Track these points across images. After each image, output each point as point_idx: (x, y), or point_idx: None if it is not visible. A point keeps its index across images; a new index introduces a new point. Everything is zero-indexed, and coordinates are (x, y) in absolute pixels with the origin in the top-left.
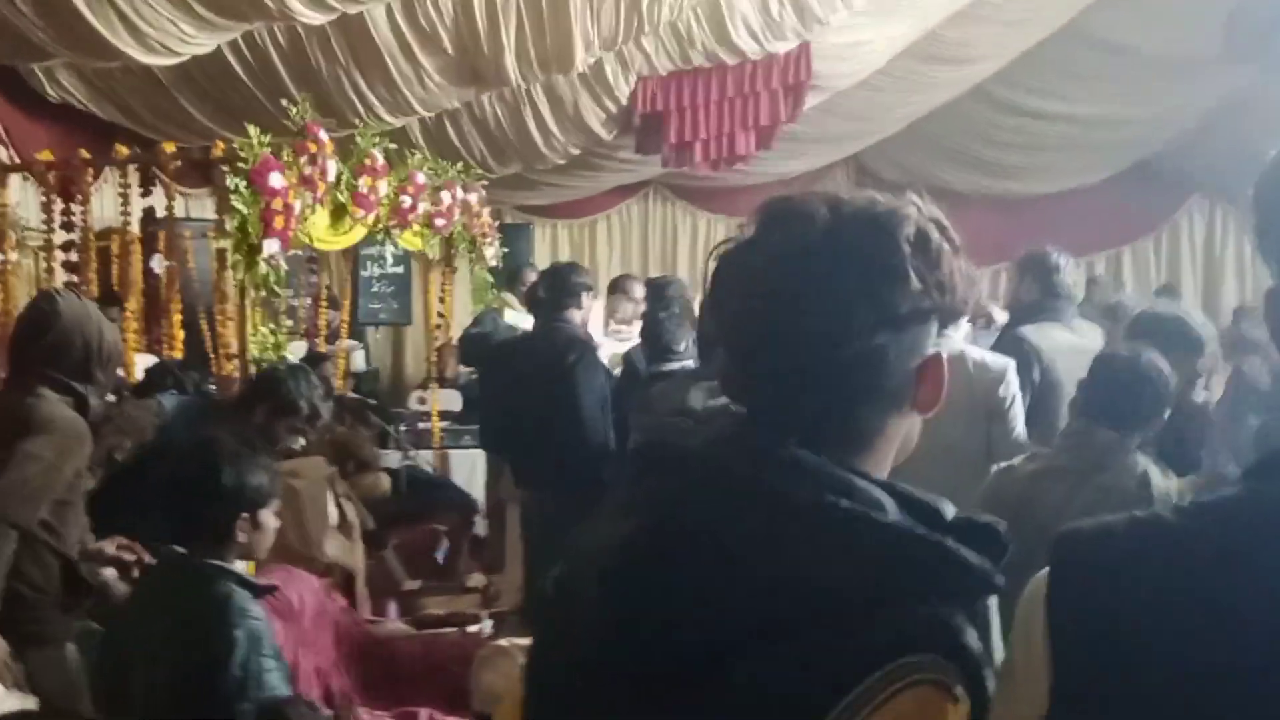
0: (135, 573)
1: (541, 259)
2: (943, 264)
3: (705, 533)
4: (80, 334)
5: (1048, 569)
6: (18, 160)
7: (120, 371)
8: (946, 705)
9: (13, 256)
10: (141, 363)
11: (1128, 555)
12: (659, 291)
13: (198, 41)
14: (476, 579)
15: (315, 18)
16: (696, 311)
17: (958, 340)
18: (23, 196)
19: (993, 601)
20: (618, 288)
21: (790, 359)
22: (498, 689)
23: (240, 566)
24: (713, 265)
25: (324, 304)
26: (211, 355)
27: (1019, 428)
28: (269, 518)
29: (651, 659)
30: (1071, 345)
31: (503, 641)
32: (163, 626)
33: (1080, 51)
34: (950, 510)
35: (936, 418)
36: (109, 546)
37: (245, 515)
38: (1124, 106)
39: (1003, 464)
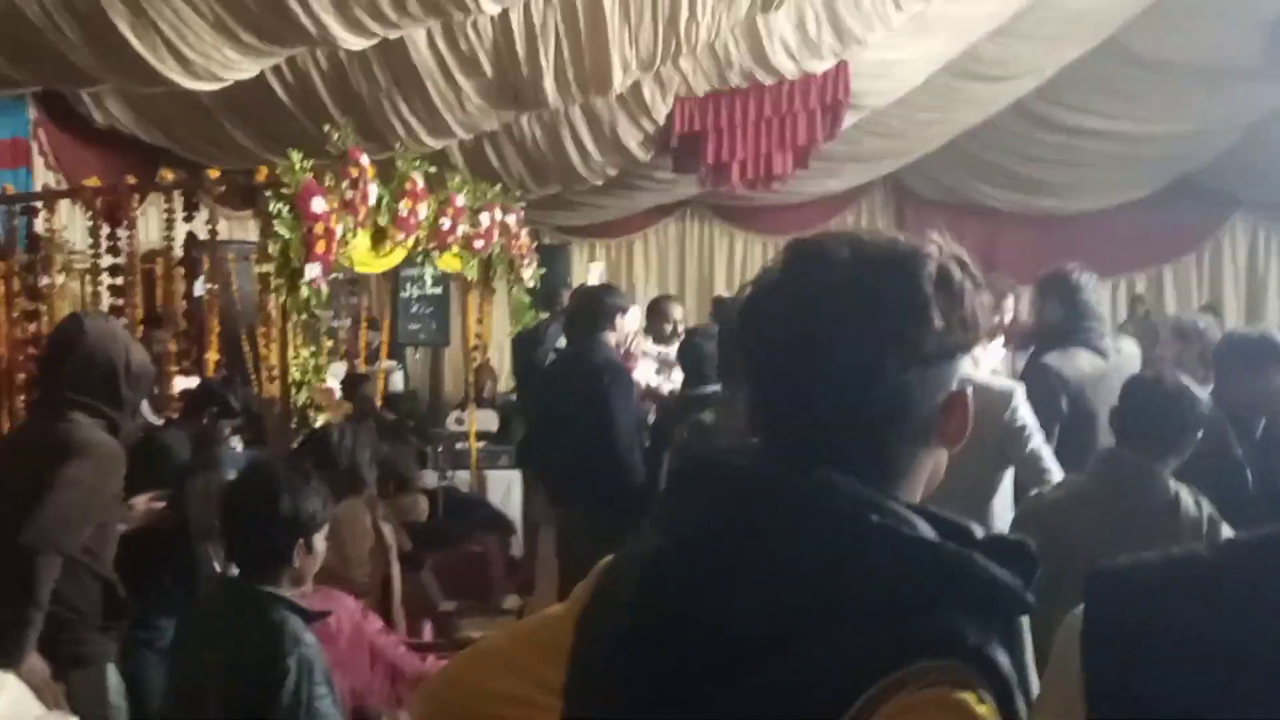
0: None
1: (580, 279)
2: (965, 302)
3: (737, 544)
4: (106, 356)
5: (1083, 607)
6: (65, 185)
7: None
8: (968, 703)
9: (59, 279)
10: (184, 384)
11: (1163, 594)
12: (723, 313)
13: (241, 67)
14: (512, 600)
15: (356, 42)
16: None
17: (968, 366)
18: (70, 220)
19: (1025, 622)
20: (656, 309)
21: (818, 399)
22: None
23: (294, 592)
24: (740, 309)
25: (364, 325)
26: (254, 376)
27: (1038, 449)
28: (320, 543)
29: (682, 667)
30: (1100, 371)
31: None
32: (220, 653)
33: (1120, 67)
34: (980, 531)
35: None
36: (140, 502)
37: (301, 541)
38: (1164, 122)
39: (1033, 490)
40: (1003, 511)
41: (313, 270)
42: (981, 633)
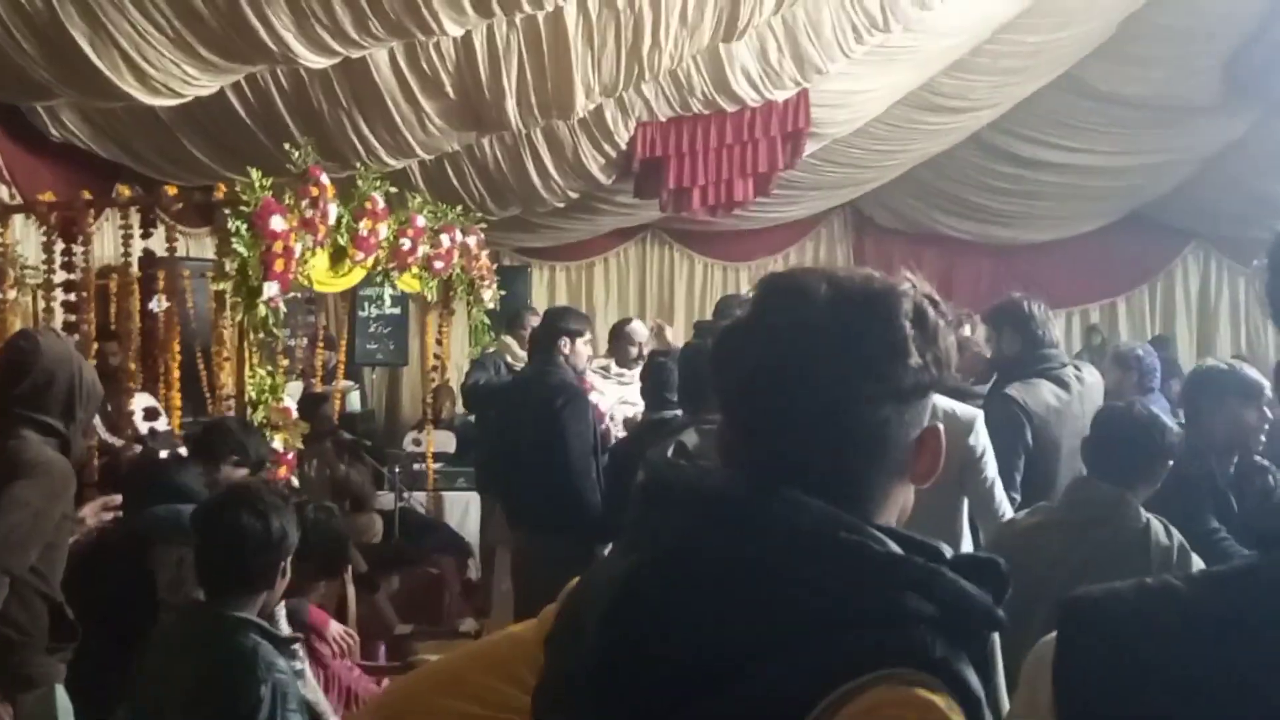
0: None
1: (539, 301)
2: (939, 339)
3: (708, 563)
4: (62, 373)
5: (1055, 635)
6: (20, 199)
7: (165, 426)
8: (935, 704)
9: (11, 294)
10: (139, 403)
11: (1137, 624)
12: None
13: (201, 83)
14: (469, 623)
15: (318, 61)
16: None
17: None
18: (24, 235)
19: (996, 640)
20: (619, 332)
21: (795, 432)
22: None
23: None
24: (717, 341)
25: (321, 345)
26: (208, 396)
27: (992, 480)
28: (289, 565)
29: (655, 687)
30: (1063, 401)
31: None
32: (188, 680)
33: (1076, 101)
34: (949, 551)
35: None
36: (90, 513)
37: (281, 564)
38: (1119, 156)
39: (998, 517)
40: (964, 538)
41: (270, 289)
42: (950, 648)
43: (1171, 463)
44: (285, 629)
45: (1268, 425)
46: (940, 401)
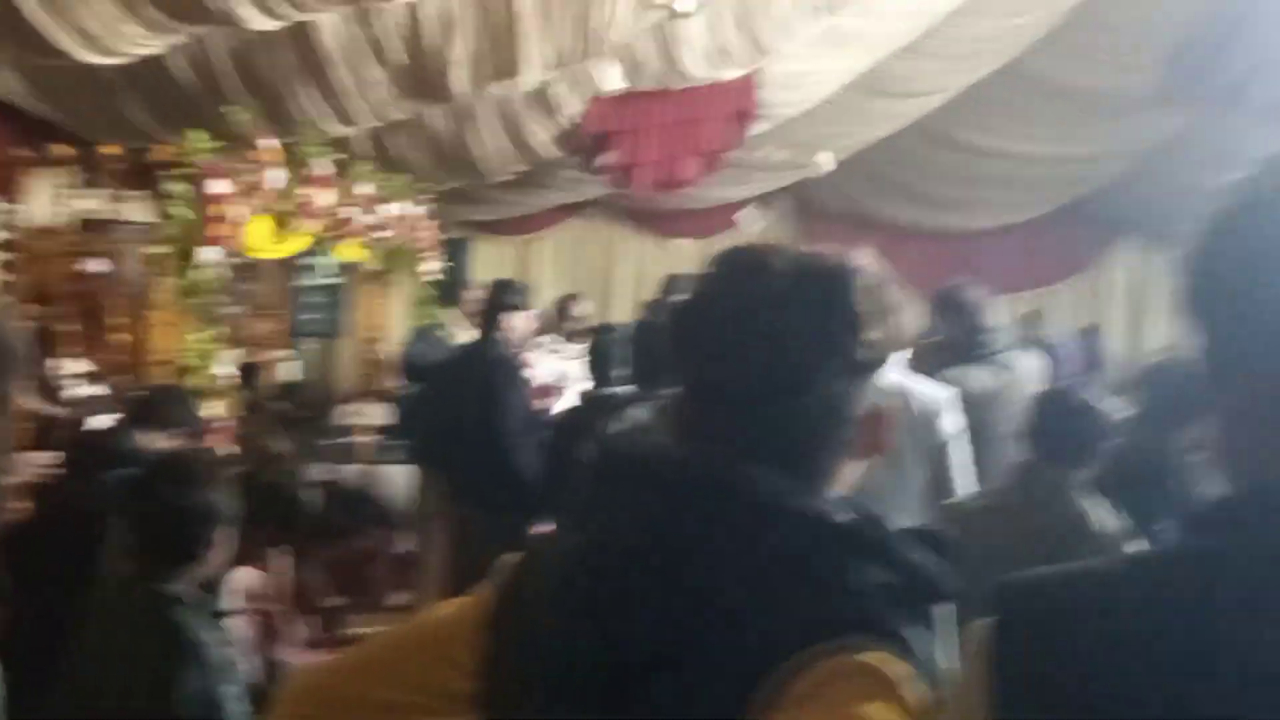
0: None
1: (482, 274)
2: (890, 317)
3: (665, 538)
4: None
5: (991, 619)
6: None
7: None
8: (886, 672)
9: None
10: (73, 368)
11: (1066, 606)
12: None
13: (143, 42)
14: (400, 597)
15: (263, 23)
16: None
17: (893, 374)
18: None
19: (945, 612)
20: (563, 307)
21: (753, 406)
22: None
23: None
24: (675, 314)
25: (259, 313)
26: (142, 360)
27: (963, 461)
28: (223, 536)
29: (615, 663)
30: (997, 386)
31: None
32: (123, 656)
33: (1021, 89)
34: (890, 521)
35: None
36: None
37: (212, 535)
38: (1061, 145)
39: (950, 499)
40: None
41: (210, 254)
42: (906, 616)
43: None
44: (225, 601)
45: None
46: (910, 384)
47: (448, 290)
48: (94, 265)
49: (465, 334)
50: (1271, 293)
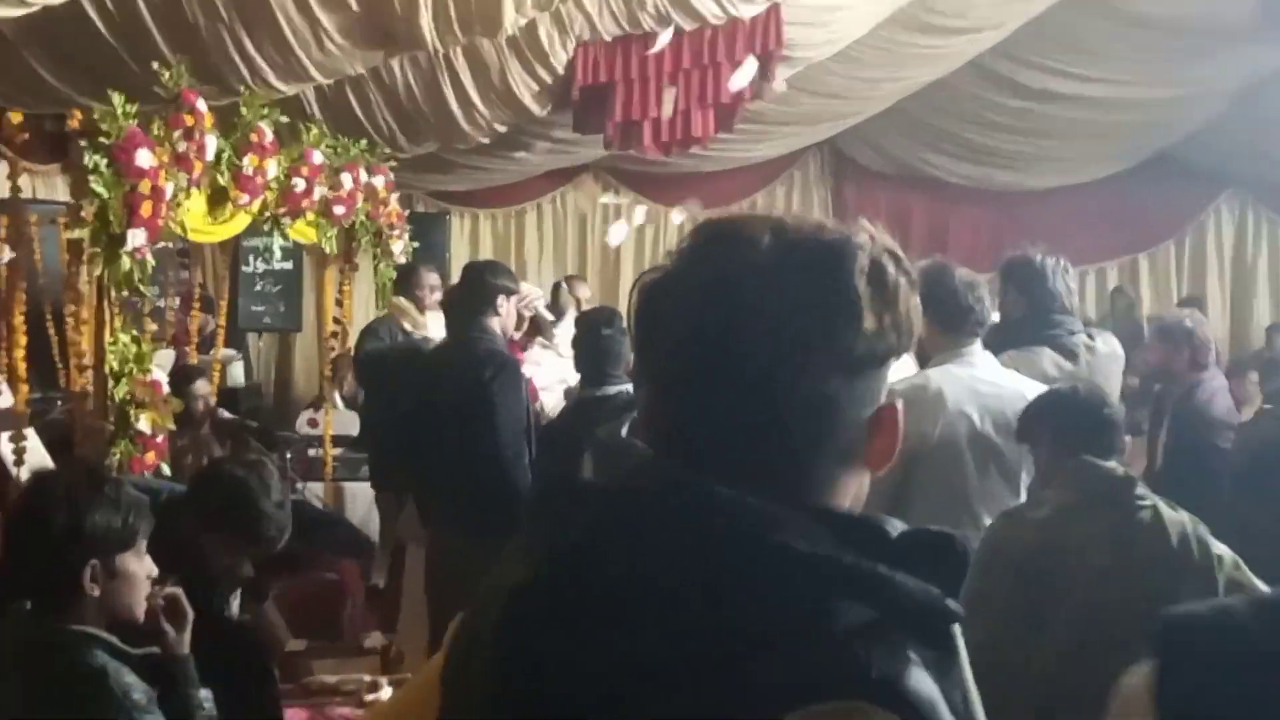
0: None
1: (459, 255)
2: (899, 301)
3: (608, 571)
4: None
5: (1157, 660)
6: None
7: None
8: None
9: None
10: None
11: (1244, 647)
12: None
13: None
14: (374, 638)
15: None
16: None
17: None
18: None
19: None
20: (559, 293)
21: (724, 404)
22: None
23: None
24: (636, 297)
25: (197, 306)
26: (60, 365)
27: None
28: (133, 564)
29: (550, 714)
30: (1066, 374)
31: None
32: (17, 703)
33: (1092, 22)
34: (895, 529)
35: (946, 460)
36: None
37: (94, 564)
38: (1142, 87)
39: (1005, 510)
40: None
41: (136, 237)
42: (892, 658)
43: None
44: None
45: None
46: (983, 374)
47: (404, 276)
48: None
49: (423, 328)
50: None
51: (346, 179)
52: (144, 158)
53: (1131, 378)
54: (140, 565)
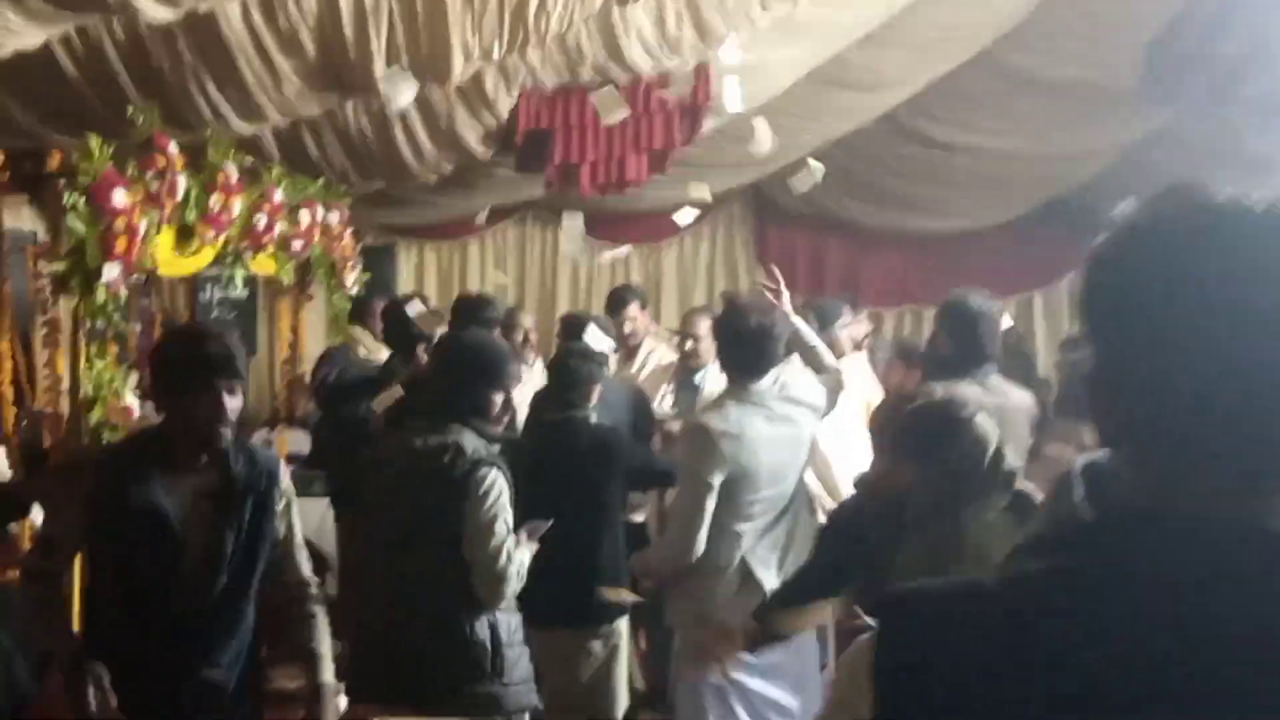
0: None
1: (406, 285)
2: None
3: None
4: None
5: (872, 632)
6: None
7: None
8: None
9: None
10: None
11: (942, 620)
12: (572, 329)
13: (24, 33)
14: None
15: (160, 12)
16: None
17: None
18: None
19: None
20: (506, 321)
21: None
22: None
23: None
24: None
25: (158, 332)
26: (27, 386)
27: None
28: None
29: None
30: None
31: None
32: None
33: (993, 82)
34: None
35: None
36: None
37: None
38: (1038, 142)
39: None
40: None
41: (111, 271)
42: None
43: None
44: None
45: None
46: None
47: (358, 306)
48: None
49: (377, 354)
50: (1151, 322)
51: (305, 215)
52: (119, 197)
53: None
54: None
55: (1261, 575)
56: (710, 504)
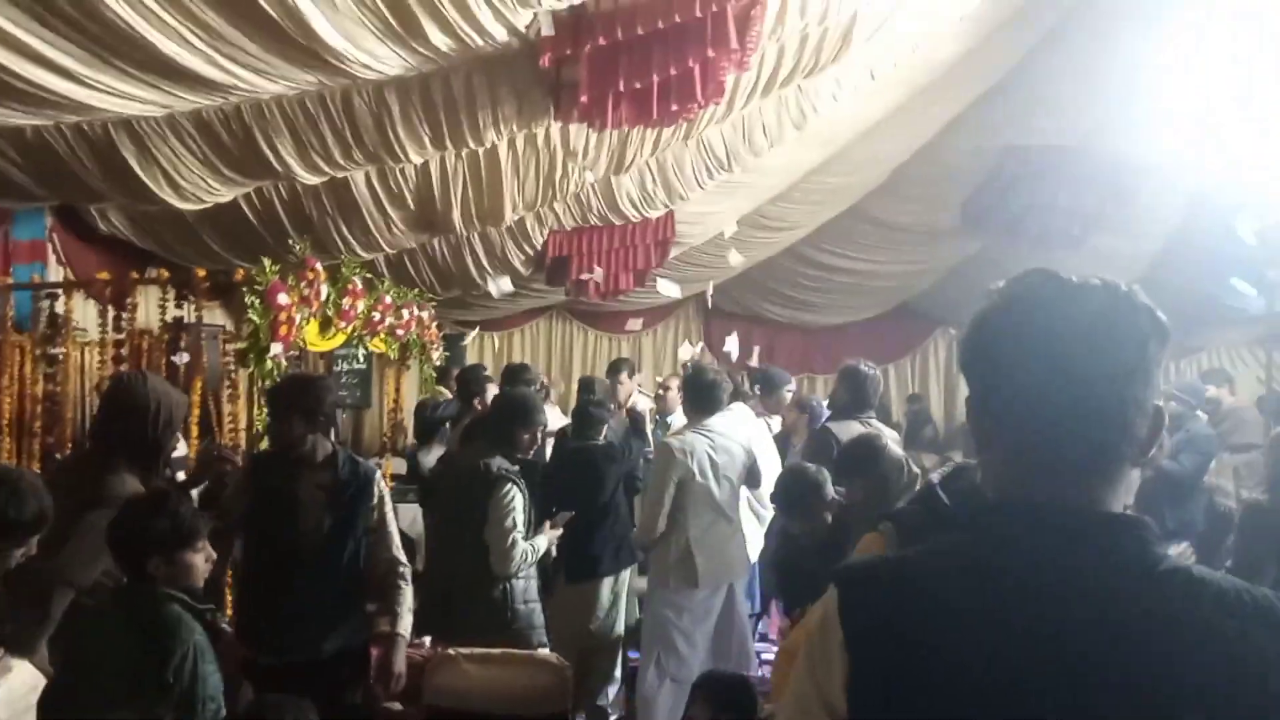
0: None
1: (471, 360)
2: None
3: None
4: (155, 410)
5: (837, 593)
6: (73, 278)
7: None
8: None
9: (65, 351)
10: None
11: (900, 582)
12: (587, 387)
13: (221, 193)
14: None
15: (311, 179)
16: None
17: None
18: (76, 304)
19: None
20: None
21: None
22: (448, 687)
23: None
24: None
25: None
26: (215, 428)
27: None
28: (191, 557)
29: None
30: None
31: (450, 651)
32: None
33: (859, 224)
34: None
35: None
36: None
37: (157, 556)
38: (890, 264)
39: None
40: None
41: (276, 348)
42: None
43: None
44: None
45: None
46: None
47: (441, 374)
48: (181, 358)
49: (451, 399)
50: (1012, 365)
51: (405, 313)
52: (282, 298)
53: None
54: (195, 557)
55: (1094, 544)
56: (669, 497)
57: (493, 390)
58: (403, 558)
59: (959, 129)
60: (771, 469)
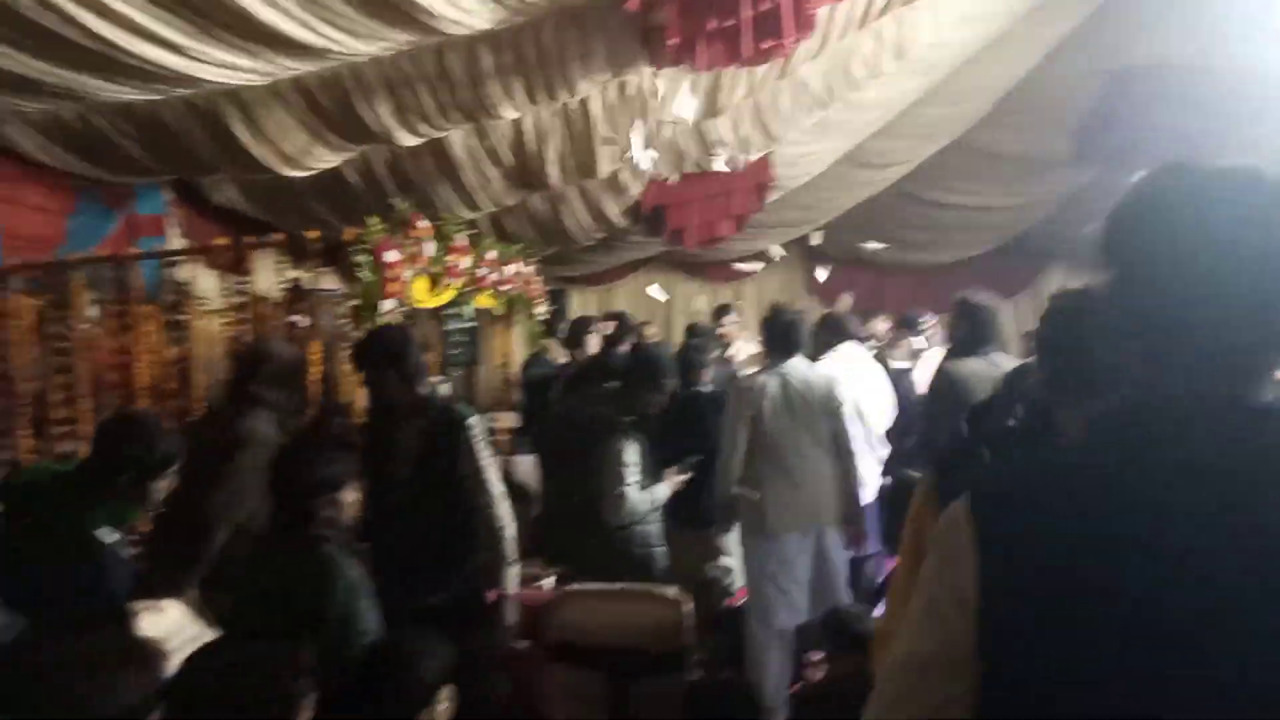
0: None
1: (573, 314)
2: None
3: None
4: (291, 364)
5: (968, 498)
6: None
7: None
8: None
9: (190, 317)
10: None
11: (1030, 485)
12: (692, 332)
13: (325, 159)
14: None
15: (411, 141)
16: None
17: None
18: (196, 273)
19: None
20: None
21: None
22: (571, 621)
23: None
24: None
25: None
26: (331, 388)
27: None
28: (346, 497)
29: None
30: (987, 374)
31: (574, 586)
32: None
33: (967, 157)
34: None
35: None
36: None
37: (326, 497)
38: (1000, 197)
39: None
40: None
41: (387, 305)
42: None
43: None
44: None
45: None
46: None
47: (550, 327)
48: (299, 320)
49: (564, 356)
50: (1161, 252)
51: (509, 269)
52: (390, 255)
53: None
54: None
55: (1242, 435)
56: (742, 439)
57: (593, 341)
58: (500, 510)
59: (1066, 53)
60: (881, 406)
